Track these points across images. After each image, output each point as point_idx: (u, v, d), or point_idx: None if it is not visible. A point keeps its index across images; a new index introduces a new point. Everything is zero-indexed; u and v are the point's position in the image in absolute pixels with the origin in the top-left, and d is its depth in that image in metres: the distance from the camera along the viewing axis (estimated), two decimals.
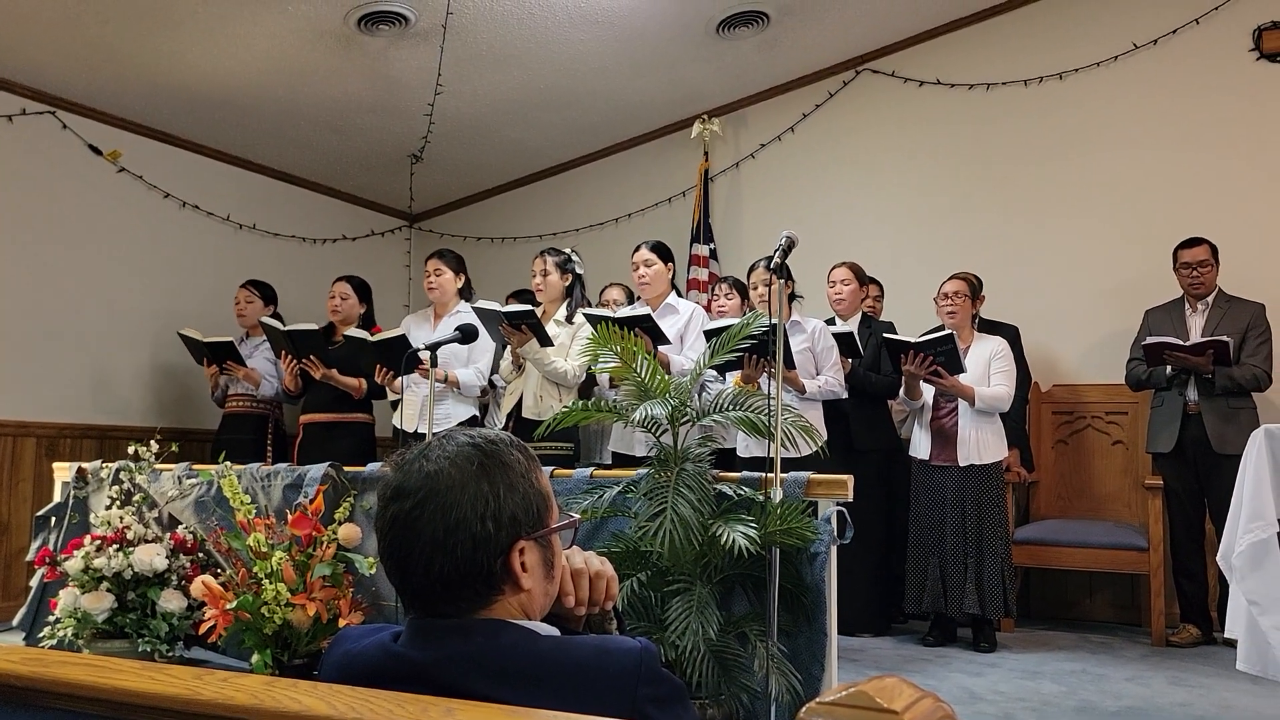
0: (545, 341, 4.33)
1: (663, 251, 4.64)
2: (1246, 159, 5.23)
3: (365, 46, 5.33)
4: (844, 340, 4.71)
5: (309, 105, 5.89)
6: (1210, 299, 4.76)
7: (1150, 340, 4.59)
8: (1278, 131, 5.19)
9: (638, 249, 4.65)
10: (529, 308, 4.36)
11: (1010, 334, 5.02)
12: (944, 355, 4.41)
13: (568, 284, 4.58)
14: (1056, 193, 5.65)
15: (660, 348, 4.21)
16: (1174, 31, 5.42)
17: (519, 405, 4.51)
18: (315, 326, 4.95)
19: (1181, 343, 4.53)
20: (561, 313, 4.55)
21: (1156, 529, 4.68)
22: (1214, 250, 4.74)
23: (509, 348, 4.50)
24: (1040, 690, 3.71)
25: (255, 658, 3.26)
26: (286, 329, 4.92)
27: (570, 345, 4.43)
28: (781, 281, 3.12)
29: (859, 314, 5.03)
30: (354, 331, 4.76)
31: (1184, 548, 4.69)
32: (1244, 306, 4.69)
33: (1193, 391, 4.61)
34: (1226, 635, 2.77)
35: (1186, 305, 4.81)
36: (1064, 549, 4.88)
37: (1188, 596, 4.68)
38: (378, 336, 4.61)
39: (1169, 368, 4.63)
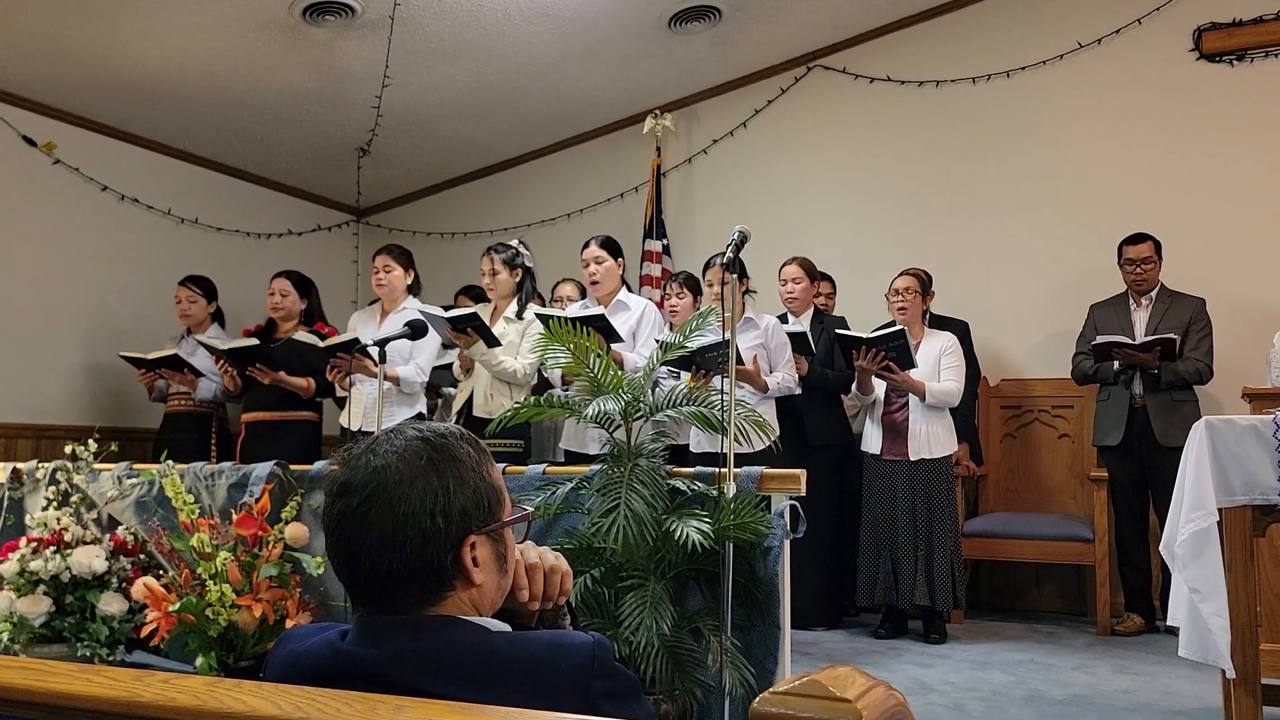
0: (492, 342, 4.29)
1: (612, 247, 4.61)
2: (1187, 157, 5.34)
3: (311, 37, 5.24)
4: (797, 339, 4.72)
5: (253, 97, 5.78)
6: (1153, 294, 4.85)
7: (1100, 340, 4.67)
8: (1217, 130, 5.30)
9: (587, 245, 4.61)
10: (473, 310, 4.31)
11: (960, 329, 5.08)
12: (895, 350, 4.45)
13: (518, 279, 4.54)
14: (1004, 189, 5.73)
15: (613, 345, 4.19)
16: (1117, 31, 5.52)
17: (469, 403, 4.47)
18: (254, 341, 4.82)
19: (1130, 341, 4.62)
20: (512, 309, 4.51)
21: (1101, 520, 4.77)
22: (1157, 246, 4.83)
23: (458, 350, 4.45)
24: (990, 680, 3.76)
25: (199, 660, 3.19)
26: (225, 348, 4.80)
27: (520, 343, 4.40)
28: (735, 278, 3.12)
29: (811, 310, 5.05)
30: (302, 336, 4.68)
31: (1128, 538, 4.78)
32: (1186, 301, 4.79)
33: (1138, 385, 4.69)
34: (1169, 623, 2.81)
35: (1131, 300, 4.90)
36: (1012, 541, 4.95)
37: (1132, 586, 4.78)
38: (329, 341, 4.54)
39: (1115, 363, 4.72)
